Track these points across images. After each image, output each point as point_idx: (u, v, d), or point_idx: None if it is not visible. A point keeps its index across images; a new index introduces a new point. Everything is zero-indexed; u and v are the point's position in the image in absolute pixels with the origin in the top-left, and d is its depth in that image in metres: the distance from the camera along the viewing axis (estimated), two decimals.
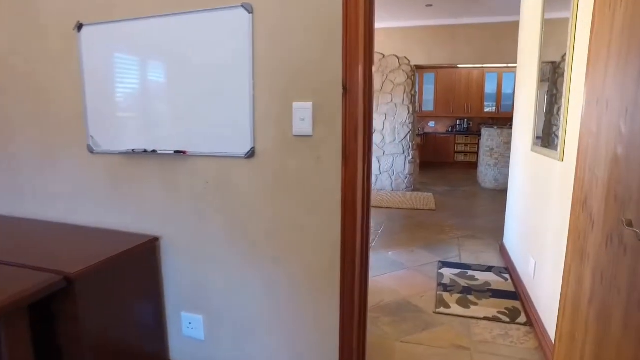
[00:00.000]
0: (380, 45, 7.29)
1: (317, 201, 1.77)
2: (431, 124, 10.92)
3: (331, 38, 1.63)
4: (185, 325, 2.13)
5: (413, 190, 7.41)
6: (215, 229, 1.98)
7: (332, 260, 1.80)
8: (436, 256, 4.08)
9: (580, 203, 1.41)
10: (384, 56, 7.29)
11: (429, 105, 10.53)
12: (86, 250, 1.90)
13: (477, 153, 9.26)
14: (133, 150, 2.02)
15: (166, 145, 1.96)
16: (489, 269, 3.73)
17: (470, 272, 3.64)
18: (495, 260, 3.96)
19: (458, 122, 10.56)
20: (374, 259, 4.02)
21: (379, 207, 6.21)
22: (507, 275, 3.56)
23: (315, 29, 1.65)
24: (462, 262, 3.93)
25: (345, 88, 1.61)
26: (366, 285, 2.01)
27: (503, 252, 4.06)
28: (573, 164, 2.07)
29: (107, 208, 2.16)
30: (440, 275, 3.57)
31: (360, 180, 1.72)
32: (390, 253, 4.17)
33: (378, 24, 7.19)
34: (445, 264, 3.84)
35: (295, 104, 1.71)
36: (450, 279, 3.49)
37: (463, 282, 3.43)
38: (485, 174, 7.73)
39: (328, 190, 1.74)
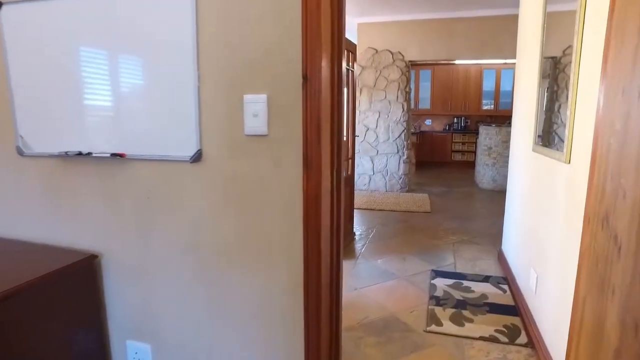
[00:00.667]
0: (373, 40, 6.99)
1: (275, 216, 1.47)
2: (428, 122, 10.62)
3: (291, 22, 1.33)
4: (131, 355, 1.83)
5: (408, 191, 7.11)
6: (161, 245, 1.68)
7: (295, 283, 1.50)
8: (429, 264, 3.78)
9: (598, 219, 1.11)
10: (377, 51, 6.98)
11: (425, 102, 10.23)
12: (8, 270, 1.60)
13: (474, 152, 8.97)
14: (66, 152, 1.72)
15: (103, 147, 1.66)
16: (486, 278, 3.44)
17: (465, 283, 3.35)
18: (492, 269, 3.67)
19: (455, 120, 10.26)
20: (362, 268, 3.73)
21: (371, 209, 5.91)
22: (505, 287, 3.27)
23: (271, 9, 1.35)
24: (457, 270, 3.64)
25: (305, 77, 1.31)
26: (338, 308, 1.72)
27: (501, 259, 3.77)
28: (582, 168, 1.77)
29: (38, 219, 1.85)
30: (433, 287, 3.27)
31: (326, 191, 1.43)
32: (379, 261, 3.87)
33: (370, 18, 6.89)
34: (439, 274, 3.54)
35: (246, 97, 1.41)
36: (444, 291, 3.20)
37: (457, 295, 3.13)
38: (483, 174, 7.43)
39: (288, 204, 1.44)
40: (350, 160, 4.40)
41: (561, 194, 2.10)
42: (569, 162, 1.97)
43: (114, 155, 1.63)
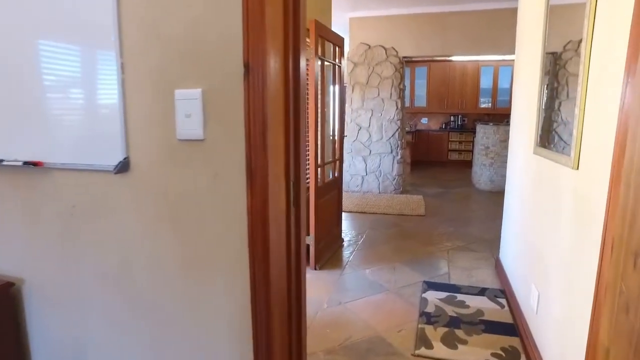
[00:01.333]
0: (366, 35, 6.70)
1: (216, 237, 1.19)
2: (424, 120, 10.34)
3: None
4: None
5: (402, 193, 6.83)
6: (91, 271, 1.39)
7: (240, 320, 1.22)
8: (421, 274, 3.50)
9: (627, 251, 0.84)
10: (369, 47, 6.69)
11: (421, 100, 9.95)
12: None
13: (471, 151, 8.69)
14: None
15: (17, 153, 1.38)
16: (482, 291, 3.16)
17: (459, 297, 3.07)
18: (489, 280, 3.39)
19: (452, 118, 9.98)
20: (349, 279, 3.45)
21: (362, 212, 5.62)
22: (503, 300, 2.99)
23: None
24: (451, 282, 3.36)
25: (246, 66, 1.03)
26: (299, 344, 1.43)
27: (499, 269, 3.49)
28: (594, 175, 1.50)
29: None
30: (424, 301, 3.00)
31: (278, 209, 1.14)
32: (368, 271, 3.59)
33: (363, 13, 6.60)
34: (431, 285, 3.27)
35: (177, 92, 1.12)
36: (436, 306, 2.92)
37: (450, 311, 2.85)
38: (480, 174, 7.16)
39: (231, 223, 1.16)
40: (337, 162, 4.12)
41: (567, 204, 1.82)
42: (577, 168, 1.70)
43: (27, 163, 1.34)
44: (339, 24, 7.08)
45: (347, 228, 4.90)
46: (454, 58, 9.54)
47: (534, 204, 2.50)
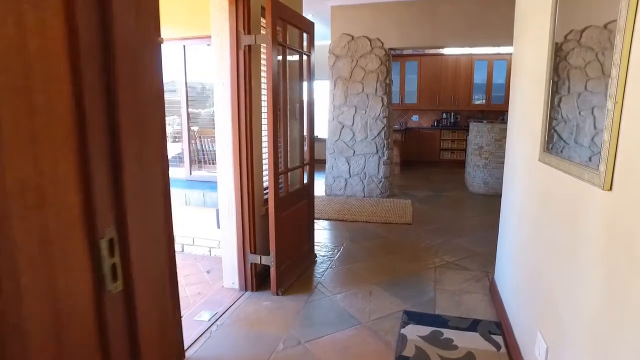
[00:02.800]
0: (349, 25, 6.13)
1: None
2: (414, 118, 9.79)
3: None
4: None
5: (389, 196, 6.28)
6: None
7: None
8: (402, 301, 2.95)
9: None
10: (352, 38, 6.12)
11: (412, 97, 9.40)
12: None
13: (465, 150, 8.15)
14: None
15: None
16: (474, 325, 2.61)
17: (446, 333, 2.52)
18: (482, 308, 2.84)
19: (444, 115, 9.43)
20: (316, 307, 2.89)
21: (343, 220, 5.06)
22: (499, 339, 2.44)
23: None
24: (437, 311, 2.81)
25: None
26: None
27: (494, 294, 2.94)
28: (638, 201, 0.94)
29: None
30: (403, 340, 2.44)
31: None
32: (339, 297, 3.03)
33: (345, 1, 6.02)
34: (413, 317, 2.71)
35: None
36: (416, 347, 2.36)
37: (434, 354, 2.30)
38: (474, 176, 6.62)
39: None
40: (307, 167, 3.55)
41: (593, 239, 1.27)
42: (610, 189, 1.14)
43: None
44: (320, 13, 6.51)
45: (324, 240, 4.34)
46: (445, 51, 9.01)
47: (539, 227, 1.94)
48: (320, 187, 6.80)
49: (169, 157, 4.49)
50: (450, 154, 9.27)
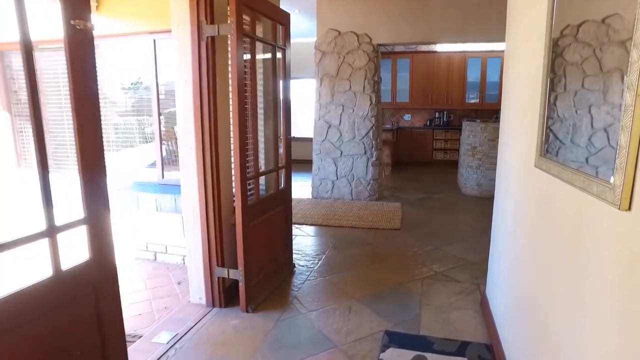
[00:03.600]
0: (336, 20, 5.85)
1: None
2: (406, 117, 9.52)
3: None
4: None
5: (378, 199, 6.00)
6: None
7: None
8: (384, 319, 2.67)
9: None
10: (339, 34, 5.84)
11: (403, 95, 9.12)
12: None
13: (458, 150, 7.89)
14: None
15: None
16: (463, 348, 2.34)
17: (430, 358, 2.24)
18: (472, 327, 2.57)
19: (437, 115, 9.17)
20: (288, 326, 2.60)
21: (327, 225, 4.78)
22: None
23: None
24: (422, 331, 2.53)
25: None
26: None
27: (485, 311, 2.67)
28: None
29: None
30: None
31: None
32: (315, 314, 2.75)
33: None
34: (395, 338, 2.43)
35: None
36: None
37: None
38: (467, 177, 6.35)
39: None
40: (284, 170, 3.27)
41: (604, 262, 0.99)
42: (629, 209, 0.86)
43: None
44: (306, 9, 6.23)
45: (305, 247, 4.05)
46: (438, 48, 8.75)
47: (535, 242, 1.67)
48: (307, 190, 6.53)
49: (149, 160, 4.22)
50: (443, 154, 9.01)
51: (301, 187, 6.87)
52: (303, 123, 9.27)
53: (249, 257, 2.72)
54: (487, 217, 3.09)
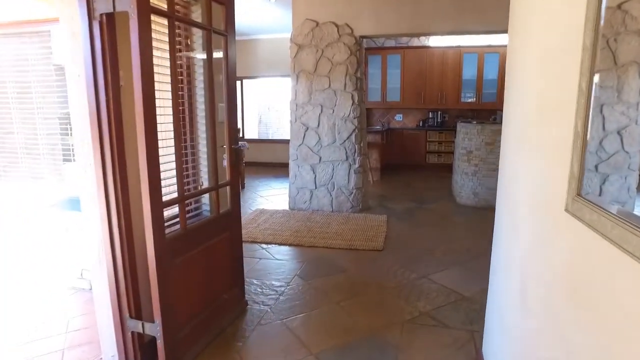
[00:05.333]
0: (313, 9, 5.18)
1: None
2: (398, 117, 8.87)
3: None
4: None
5: (362, 210, 5.35)
6: None
7: None
8: None
9: None
10: (317, 24, 5.18)
11: (394, 94, 8.47)
12: None
13: (453, 153, 7.25)
14: None
15: None
16: None
17: None
18: None
19: (431, 115, 8.52)
20: None
21: (298, 245, 4.11)
22: None
23: None
24: None
25: None
26: None
27: None
28: None
29: None
30: None
31: None
32: None
33: None
34: None
35: None
36: None
37: None
38: (462, 185, 5.70)
39: None
40: (229, 188, 2.60)
41: None
42: None
43: None
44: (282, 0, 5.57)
45: (267, 275, 3.39)
46: (431, 43, 8.10)
47: (564, 329, 1.01)
48: (285, 199, 5.88)
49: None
50: (437, 157, 8.37)
51: (279, 197, 6.22)
52: (281, 125, 8.67)
53: (173, 305, 2.06)
54: (485, 234, 2.46)
